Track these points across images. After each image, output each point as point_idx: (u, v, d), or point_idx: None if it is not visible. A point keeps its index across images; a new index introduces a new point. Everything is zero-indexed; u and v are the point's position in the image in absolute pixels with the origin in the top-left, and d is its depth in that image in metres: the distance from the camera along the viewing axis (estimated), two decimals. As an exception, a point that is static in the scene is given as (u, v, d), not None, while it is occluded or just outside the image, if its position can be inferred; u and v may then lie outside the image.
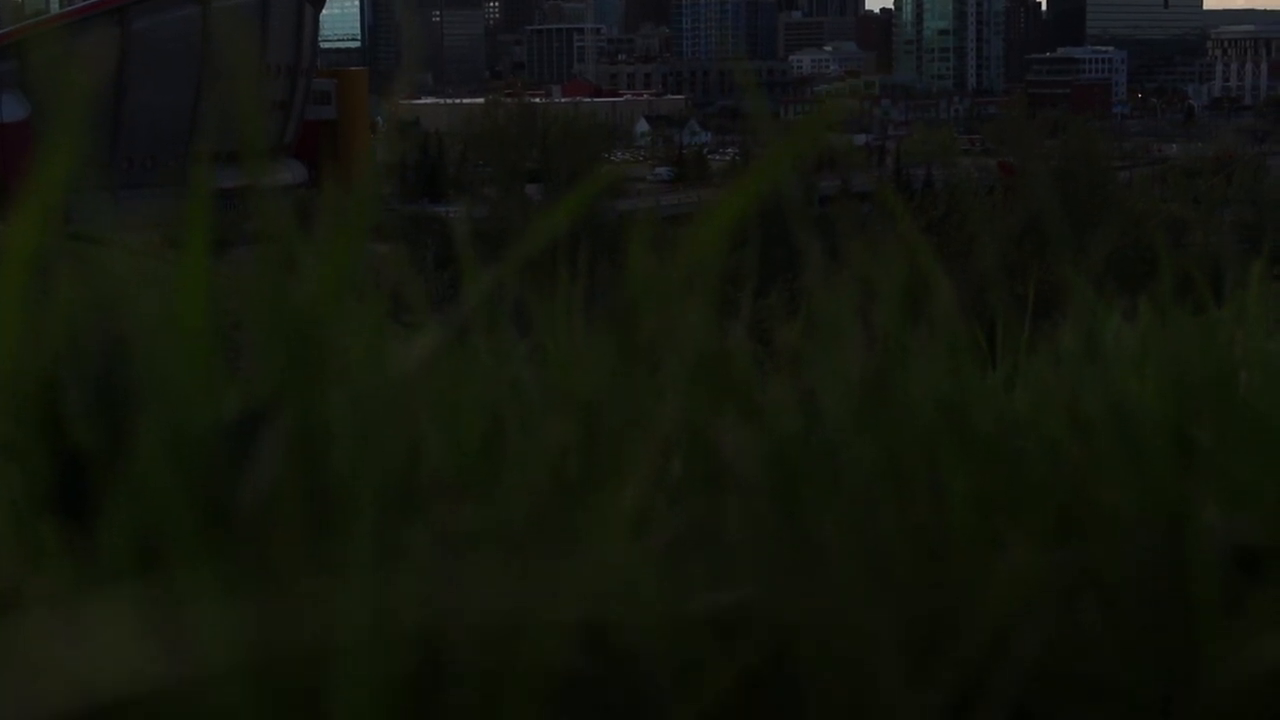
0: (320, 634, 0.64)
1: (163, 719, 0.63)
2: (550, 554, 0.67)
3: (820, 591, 0.80)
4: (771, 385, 0.94)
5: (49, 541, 0.75)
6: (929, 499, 0.90)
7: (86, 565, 0.70)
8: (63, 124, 0.81)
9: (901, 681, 0.74)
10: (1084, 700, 0.84)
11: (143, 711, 0.63)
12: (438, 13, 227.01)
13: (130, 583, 0.66)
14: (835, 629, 0.78)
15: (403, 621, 0.67)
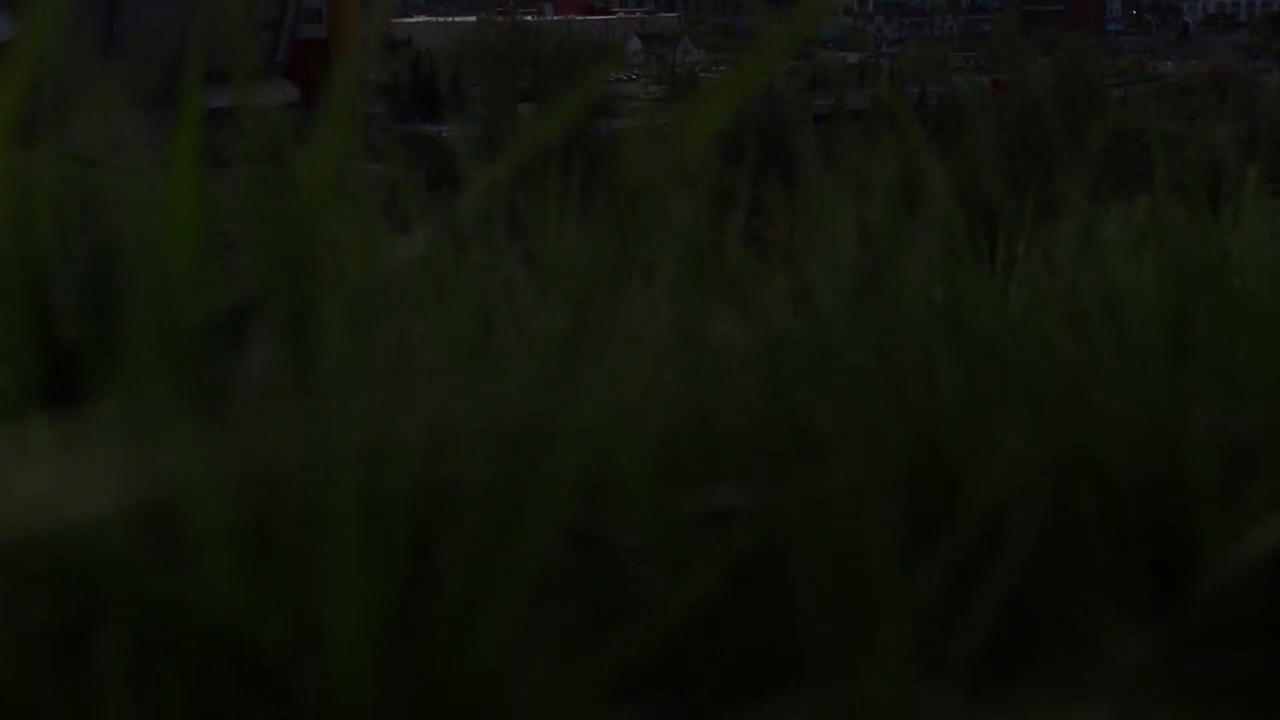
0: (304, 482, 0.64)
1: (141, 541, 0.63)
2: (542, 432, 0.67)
3: (813, 484, 0.80)
4: (765, 280, 0.93)
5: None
6: (923, 393, 0.89)
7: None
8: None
9: (895, 572, 0.74)
10: (1079, 593, 0.84)
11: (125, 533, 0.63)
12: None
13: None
14: (828, 520, 0.77)
15: (394, 493, 0.66)
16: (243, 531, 0.64)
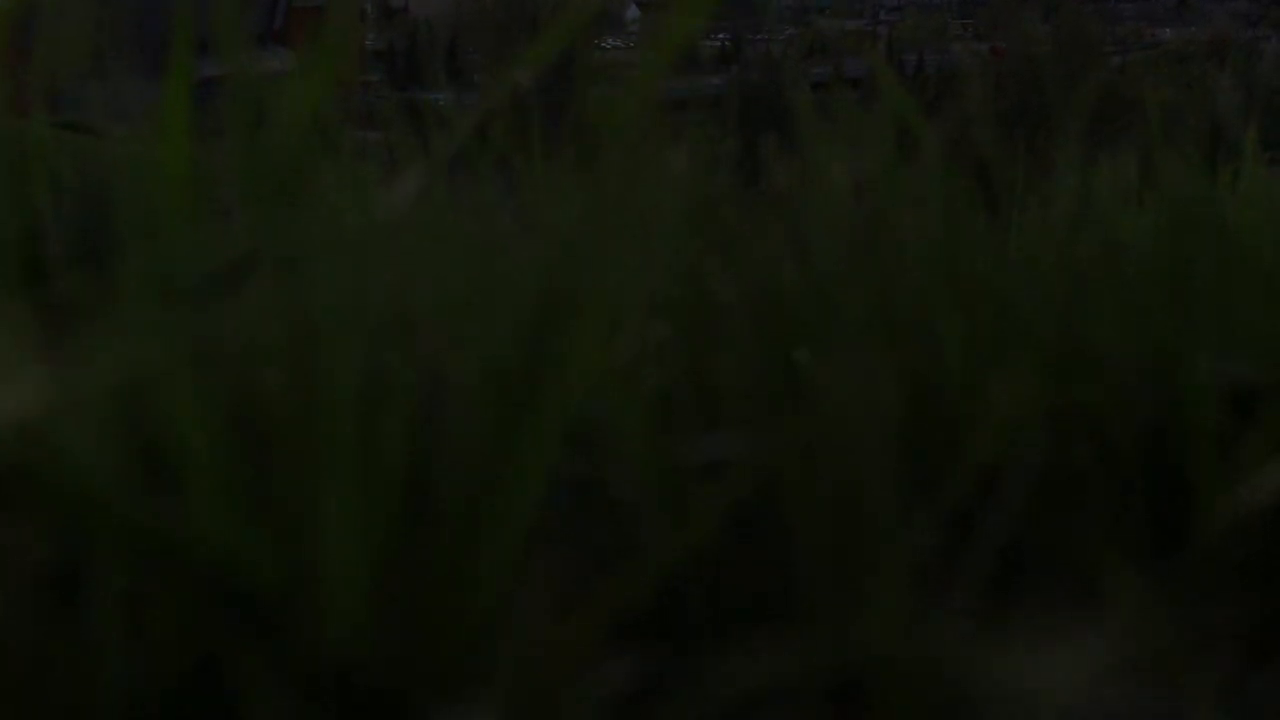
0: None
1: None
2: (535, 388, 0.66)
3: (811, 433, 0.80)
4: (762, 230, 0.93)
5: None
6: (921, 343, 0.89)
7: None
8: None
9: (894, 517, 0.74)
10: (1077, 541, 0.83)
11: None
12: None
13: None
14: (826, 468, 0.77)
15: (388, 457, 0.66)
16: (237, 467, 0.64)
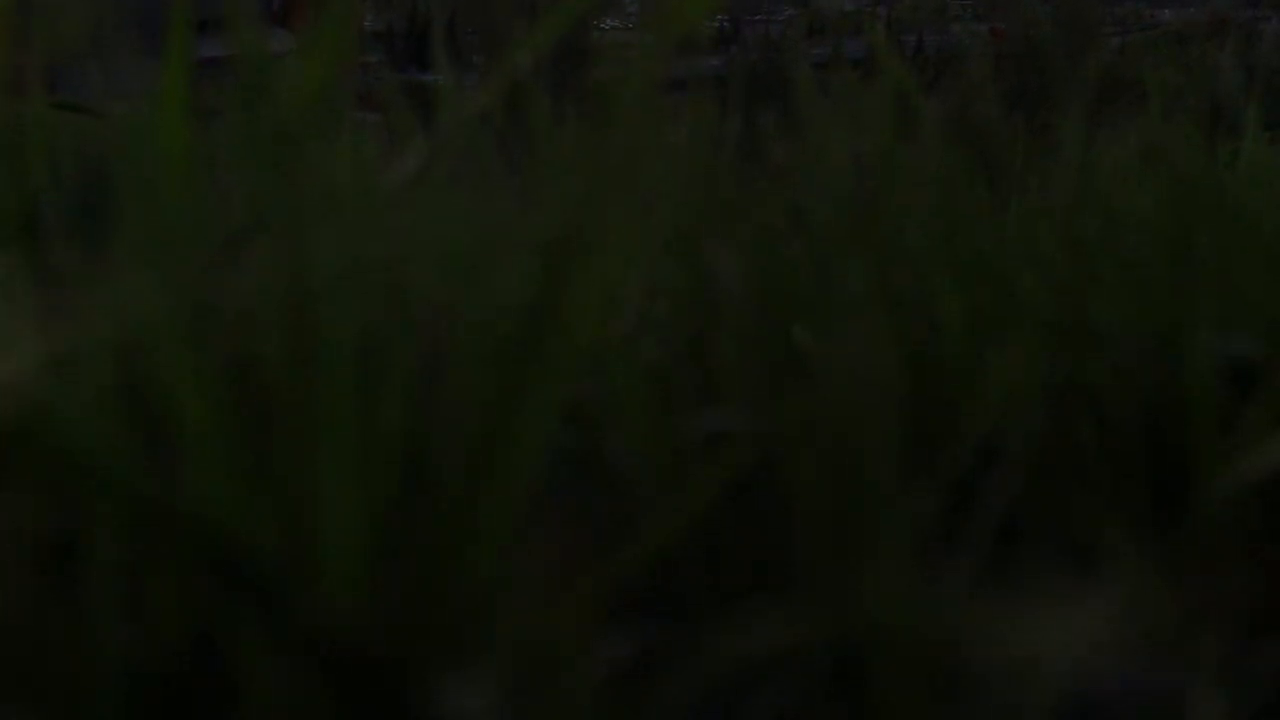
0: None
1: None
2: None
3: (811, 403, 0.79)
4: (762, 202, 0.93)
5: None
6: (921, 316, 0.89)
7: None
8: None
9: (894, 489, 0.74)
10: (1076, 514, 0.83)
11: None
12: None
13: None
14: (827, 440, 0.77)
15: (386, 424, 0.66)
16: (235, 433, 0.64)
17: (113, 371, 0.63)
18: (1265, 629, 0.79)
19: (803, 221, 0.94)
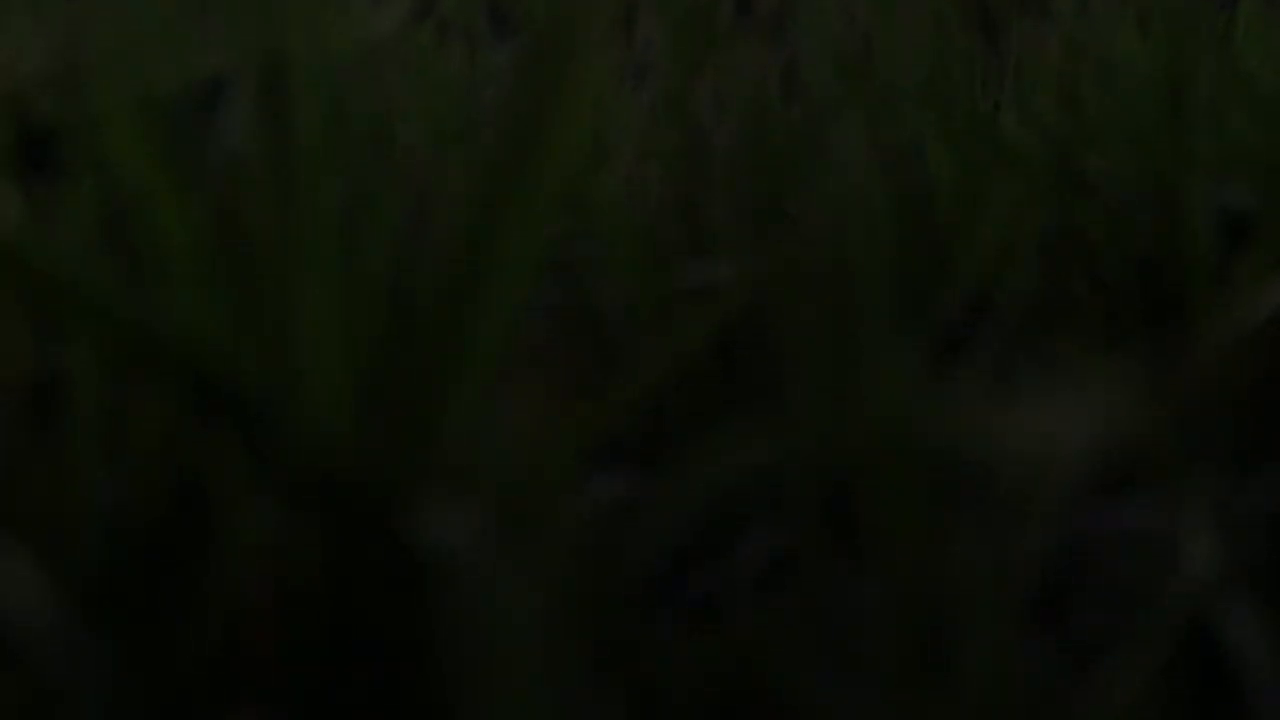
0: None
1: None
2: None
3: (801, 252, 0.79)
4: (753, 54, 0.91)
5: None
6: (913, 168, 0.88)
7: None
8: None
9: (887, 328, 0.73)
10: (1069, 360, 0.83)
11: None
12: None
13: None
14: (817, 284, 0.76)
15: (370, 274, 0.65)
16: (220, 262, 0.63)
17: (99, 210, 0.63)
18: (1257, 467, 0.79)
19: (794, 75, 0.93)
